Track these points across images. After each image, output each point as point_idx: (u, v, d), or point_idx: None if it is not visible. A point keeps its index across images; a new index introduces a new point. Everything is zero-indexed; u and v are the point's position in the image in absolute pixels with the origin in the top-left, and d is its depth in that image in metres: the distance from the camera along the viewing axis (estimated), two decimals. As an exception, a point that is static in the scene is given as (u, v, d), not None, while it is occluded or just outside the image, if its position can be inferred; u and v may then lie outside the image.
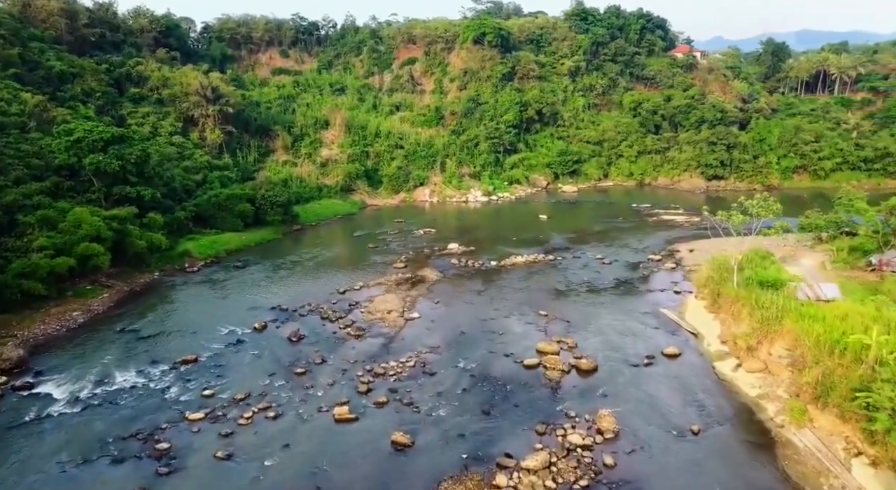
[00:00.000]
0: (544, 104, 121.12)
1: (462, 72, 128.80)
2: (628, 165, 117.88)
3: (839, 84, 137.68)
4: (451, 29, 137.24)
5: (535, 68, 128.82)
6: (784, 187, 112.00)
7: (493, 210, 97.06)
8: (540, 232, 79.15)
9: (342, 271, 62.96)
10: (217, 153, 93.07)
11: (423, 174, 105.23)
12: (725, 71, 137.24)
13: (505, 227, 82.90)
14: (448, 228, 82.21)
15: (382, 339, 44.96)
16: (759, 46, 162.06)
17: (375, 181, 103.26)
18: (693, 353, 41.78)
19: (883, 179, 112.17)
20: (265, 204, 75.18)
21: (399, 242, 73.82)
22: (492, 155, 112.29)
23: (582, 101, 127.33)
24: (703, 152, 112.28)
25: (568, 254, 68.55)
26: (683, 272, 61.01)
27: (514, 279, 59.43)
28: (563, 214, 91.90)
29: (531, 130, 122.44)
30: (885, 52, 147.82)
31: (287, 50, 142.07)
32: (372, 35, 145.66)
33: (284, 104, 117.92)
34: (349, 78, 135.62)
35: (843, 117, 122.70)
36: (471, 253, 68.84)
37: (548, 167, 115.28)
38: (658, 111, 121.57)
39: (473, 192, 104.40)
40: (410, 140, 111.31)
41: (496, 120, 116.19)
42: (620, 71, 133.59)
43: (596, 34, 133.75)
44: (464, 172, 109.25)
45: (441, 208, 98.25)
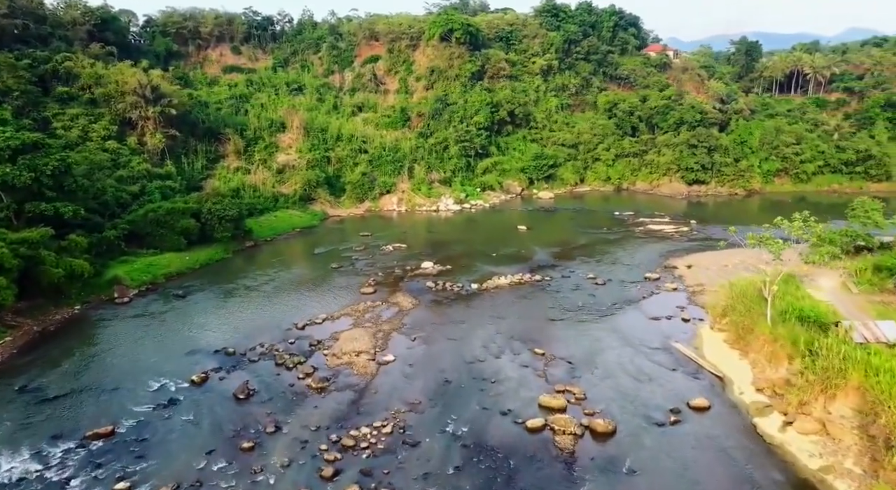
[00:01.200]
0: (516, 105, 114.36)
1: (428, 70, 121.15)
2: (605, 169, 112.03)
3: (813, 84, 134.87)
4: (416, 25, 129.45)
5: (505, 67, 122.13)
6: (766, 191, 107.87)
7: (466, 220, 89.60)
8: (521, 246, 72.03)
9: (302, 299, 54.51)
10: (158, 160, 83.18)
11: (389, 181, 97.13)
12: (699, 71, 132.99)
13: (482, 240, 75.50)
14: (420, 243, 74.37)
15: (351, 393, 36.90)
16: (731, 46, 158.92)
17: (338, 189, 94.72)
18: (725, 405, 34.95)
19: (864, 183, 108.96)
20: (212, 218, 66.02)
21: (366, 261, 65.66)
22: (462, 159, 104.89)
23: (555, 101, 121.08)
24: (683, 155, 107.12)
25: (555, 272, 61.51)
26: (687, 294, 54.54)
27: (500, 305, 52.01)
28: (542, 224, 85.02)
29: (503, 132, 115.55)
30: (855, 52, 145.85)
31: (239, 46, 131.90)
32: (331, 31, 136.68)
33: (236, 105, 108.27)
34: (307, 77, 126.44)
35: (820, 118, 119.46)
36: (447, 273, 61.19)
37: (522, 172, 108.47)
38: (635, 112, 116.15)
39: (444, 199, 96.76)
40: (375, 143, 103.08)
41: (466, 122, 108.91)
42: (594, 70, 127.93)
43: (568, 31, 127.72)
44: (433, 178, 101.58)
45: (410, 218, 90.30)
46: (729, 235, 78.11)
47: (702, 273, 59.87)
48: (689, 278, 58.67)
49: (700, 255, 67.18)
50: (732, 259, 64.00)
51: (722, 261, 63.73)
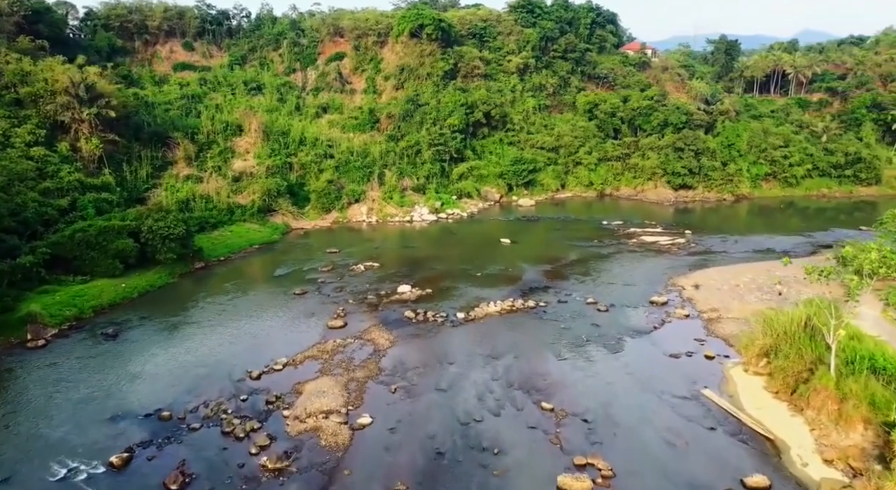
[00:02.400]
0: (492, 105, 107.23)
1: (398, 69, 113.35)
2: (587, 174, 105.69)
3: (794, 84, 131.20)
4: (384, 20, 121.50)
5: (479, 65, 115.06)
6: (754, 197, 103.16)
7: (443, 232, 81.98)
8: (507, 263, 64.79)
9: (258, 336, 46.19)
10: (95, 168, 73.43)
11: (358, 189, 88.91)
12: (679, 70, 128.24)
13: (463, 256, 68.01)
14: (394, 261, 66.47)
15: (318, 475, 28.93)
16: (707, 44, 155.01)
17: (301, 198, 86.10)
18: (789, 484, 28.06)
19: (854, 187, 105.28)
20: (154, 238, 56.94)
21: (334, 284, 57.48)
22: (437, 164, 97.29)
23: (532, 101, 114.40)
24: (669, 159, 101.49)
25: (550, 295, 54.39)
26: (703, 322, 47.93)
27: (492, 340, 44.58)
28: (527, 236, 77.96)
29: (478, 135, 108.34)
30: (833, 51, 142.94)
31: (192, 42, 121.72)
32: (292, 27, 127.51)
33: (188, 106, 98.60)
34: (267, 75, 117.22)
35: (805, 120, 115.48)
36: (428, 299, 53.51)
37: (500, 178, 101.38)
38: (616, 113, 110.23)
39: (419, 209, 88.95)
40: (342, 148, 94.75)
41: (439, 124, 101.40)
42: (571, 69, 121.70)
43: (544, 28, 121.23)
44: (406, 185, 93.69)
45: (382, 230, 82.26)
46: (730, 249, 73.05)
47: (712, 295, 53.47)
48: (699, 301, 52.14)
49: (704, 272, 60.93)
50: (741, 277, 58.01)
51: (730, 279, 57.62)
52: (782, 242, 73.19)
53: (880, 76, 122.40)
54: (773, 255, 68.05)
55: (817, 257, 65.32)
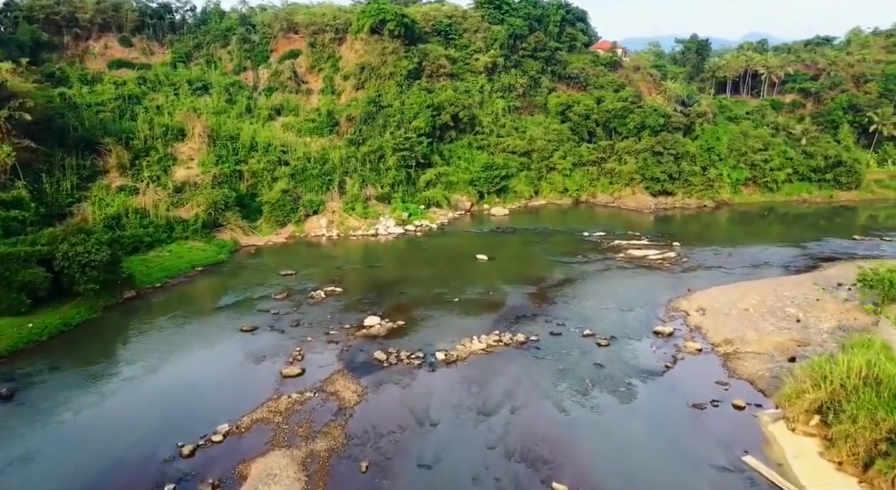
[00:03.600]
0: (460, 107, 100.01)
1: (358, 68, 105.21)
2: (562, 180, 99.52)
3: (766, 85, 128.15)
4: (342, 16, 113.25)
5: (446, 64, 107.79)
6: (735, 203, 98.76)
7: (412, 247, 74.38)
8: (487, 284, 57.68)
9: (196, 389, 37.87)
10: (8, 180, 63.31)
11: (316, 199, 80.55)
12: (651, 70, 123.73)
13: (437, 277, 60.60)
14: (359, 284, 58.56)
15: None
16: (676, 44, 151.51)
17: (253, 211, 77.32)
18: None
19: (835, 191, 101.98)
20: (71, 265, 47.73)
21: (290, 316, 49.33)
22: (402, 171, 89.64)
23: (502, 103, 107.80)
24: (647, 164, 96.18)
25: (540, 326, 47.47)
26: (719, 358, 41.64)
27: (481, 389, 37.32)
28: (504, 251, 71.06)
29: (446, 139, 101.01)
30: (801, 52, 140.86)
31: (129, 37, 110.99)
32: (242, 21, 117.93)
33: (125, 107, 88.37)
34: (214, 74, 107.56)
35: (782, 122, 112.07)
36: (400, 333, 45.96)
37: (471, 185, 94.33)
38: (591, 115, 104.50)
39: (384, 220, 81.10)
40: (297, 153, 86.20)
41: (404, 127, 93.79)
42: (541, 68, 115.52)
43: (513, 25, 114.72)
44: (369, 194, 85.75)
45: (344, 246, 74.16)
46: (725, 264, 67.49)
47: (722, 322, 47.38)
48: (709, 331, 45.94)
49: (706, 292, 54.94)
50: (748, 298, 52.25)
51: (736, 301, 51.77)
52: (778, 255, 68.10)
53: (853, 77, 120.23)
54: (772, 269, 62.85)
55: (820, 273, 60.42)
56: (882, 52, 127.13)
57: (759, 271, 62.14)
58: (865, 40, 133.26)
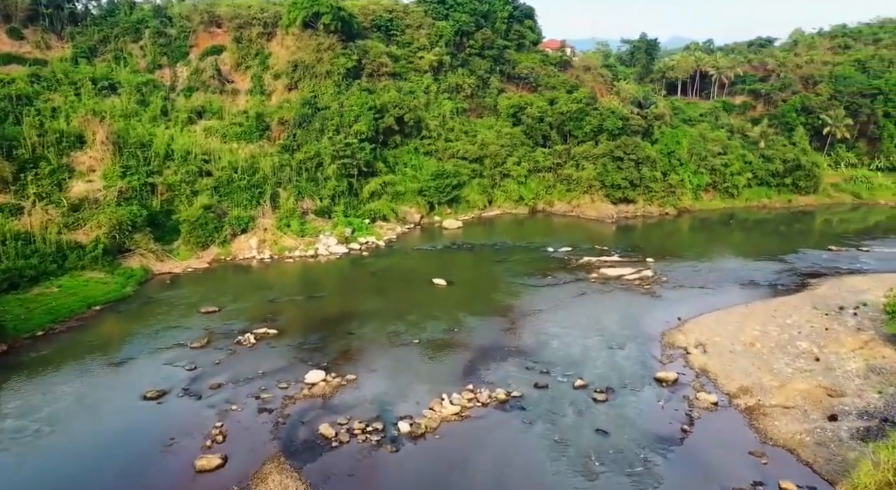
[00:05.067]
0: (405, 109, 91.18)
1: (290, 65, 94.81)
2: (517, 188, 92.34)
3: (716, 86, 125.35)
4: (271, 8, 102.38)
5: (387, 63, 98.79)
6: (696, 209, 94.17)
7: (358, 270, 65.05)
8: (449, 317, 49.28)
9: (72, 499, 27.73)
10: None
11: (245, 215, 70.05)
12: (602, 70, 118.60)
13: (390, 309, 51.68)
14: (298, 322, 48.96)
15: None
16: (622, 44, 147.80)
17: (168, 231, 66.19)
18: None
19: (793, 195, 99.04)
20: (-88, 319, 36.19)
21: (209, 374, 39.33)
22: (343, 181, 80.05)
23: (449, 104, 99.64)
24: (607, 170, 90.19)
25: (521, 374, 39.44)
26: (742, 415, 34.57)
27: (462, 476, 28.85)
28: (464, 274, 62.82)
29: (390, 144, 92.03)
30: (744, 53, 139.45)
31: (20, 29, 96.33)
32: (156, 13, 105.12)
33: (9, 109, 74.85)
34: (124, 72, 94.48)
35: (737, 124, 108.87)
36: (352, 391, 36.95)
37: (420, 195, 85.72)
38: (544, 118, 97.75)
39: (324, 238, 71.37)
40: (222, 162, 75.27)
41: (344, 131, 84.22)
42: (490, 68, 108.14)
43: (458, 21, 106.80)
44: (306, 208, 75.84)
45: (278, 270, 64.09)
46: (708, 282, 61.51)
47: (729, 361, 40.65)
48: (719, 374, 39.04)
49: (699, 321, 48.43)
50: (747, 328, 46.05)
51: (736, 332, 45.39)
52: (761, 271, 62.71)
53: (801, 78, 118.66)
54: (760, 289, 57.23)
55: (812, 293, 55.10)
56: (828, 53, 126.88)
57: (746, 292, 56.35)
58: (812, 41, 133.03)
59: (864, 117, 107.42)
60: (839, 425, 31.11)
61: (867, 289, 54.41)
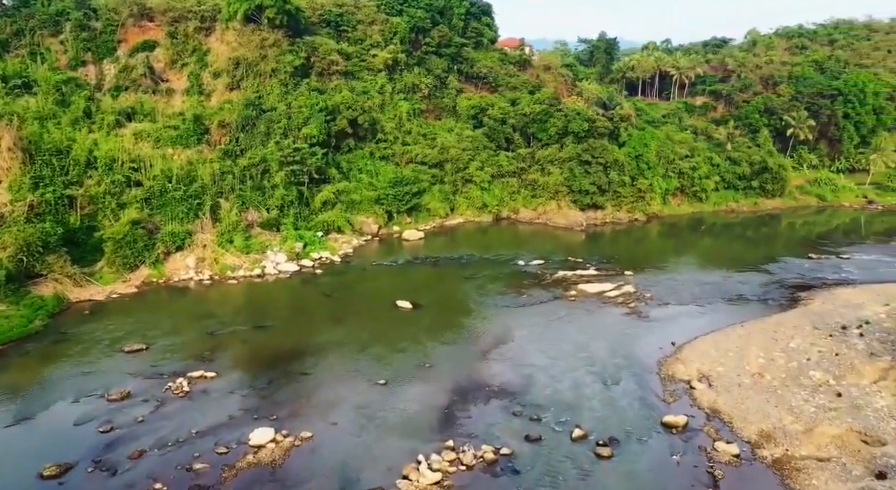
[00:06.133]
0: (358, 111, 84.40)
1: (231, 63, 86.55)
2: (480, 194, 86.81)
3: (676, 87, 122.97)
4: (209, 0, 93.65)
5: (339, 61, 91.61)
6: (665, 215, 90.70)
7: (312, 291, 58.12)
8: (418, 349, 43.17)
9: None
10: None
11: (180, 230, 62.14)
12: (562, 70, 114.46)
13: (349, 341, 45.14)
14: (242, 362, 41.90)
15: None
16: (579, 43, 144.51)
17: (89, 250, 57.86)
18: None
19: (760, 198, 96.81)
20: None
21: (130, 435, 32.05)
22: (293, 189, 72.81)
23: (406, 105, 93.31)
24: (574, 174, 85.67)
25: (507, 421, 33.73)
26: (770, 469, 29.66)
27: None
28: (429, 293, 56.64)
29: (343, 148, 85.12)
30: (700, 53, 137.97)
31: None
32: (79, 5, 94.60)
33: None
34: (41, 69, 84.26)
35: (701, 125, 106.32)
36: (307, 455, 30.39)
37: (377, 204, 79.13)
38: (507, 120, 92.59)
39: (272, 255, 64.09)
40: (154, 170, 67.06)
41: (292, 135, 77.04)
42: (448, 67, 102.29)
43: (413, 17, 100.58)
44: (252, 220, 68.44)
45: (220, 294, 56.53)
46: (695, 298, 56.92)
47: (738, 397, 35.89)
48: (731, 414, 34.14)
49: (694, 346, 43.74)
50: (749, 354, 41.77)
51: (738, 360, 40.87)
52: (747, 284, 58.82)
53: (761, 78, 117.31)
54: (751, 305, 53.24)
55: (807, 309, 51.30)
56: (786, 54, 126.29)
57: (737, 309, 52.18)
58: (770, 42, 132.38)
59: (825, 118, 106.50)
60: (891, 486, 26.49)
61: (862, 303, 51.05)
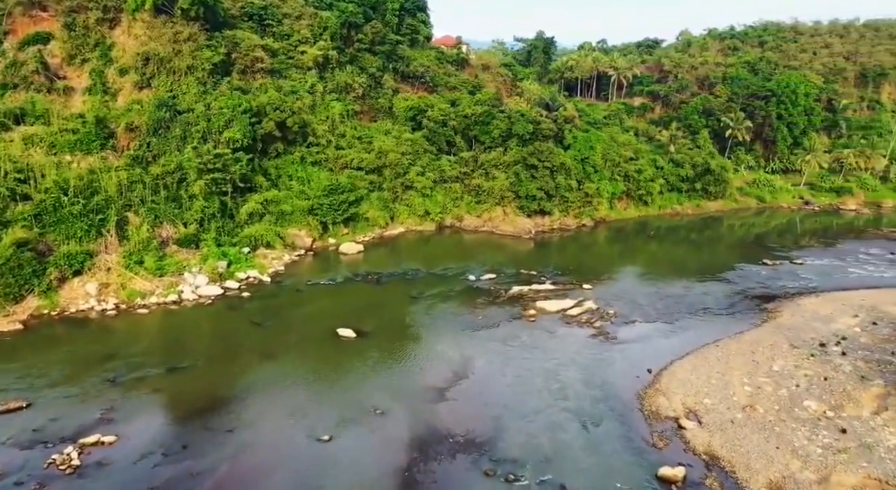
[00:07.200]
0: (287, 112, 77.05)
1: (140, 59, 77.01)
2: (422, 201, 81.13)
3: (615, 87, 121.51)
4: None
5: (263, 57, 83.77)
6: (611, 219, 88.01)
7: (238, 320, 50.73)
8: (364, 390, 37.17)
9: None
10: None
11: (79, 251, 53.36)
12: (501, 70, 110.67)
13: (284, 382, 38.55)
14: (149, 417, 34.54)
15: None
16: (515, 42, 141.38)
17: (-37, 280, 48.37)
18: None
19: (702, 201, 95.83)
20: None
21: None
22: (214, 200, 64.99)
23: (339, 106, 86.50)
24: (520, 179, 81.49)
25: (480, 484, 28.31)
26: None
27: None
28: (374, 317, 50.47)
29: (271, 153, 77.58)
30: (635, 54, 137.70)
31: None
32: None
33: None
34: None
35: (642, 127, 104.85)
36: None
37: (311, 214, 72.10)
38: (448, 122, 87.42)
39: (191, 277, 56.20)
40: (47, 181, 57.76)
41: (212, 139, 69.09)
42: (382, 65, 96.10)
43: (345, 12, 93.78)
44: (166, 237, 60.22)
45: (127, 327, 48.36)
46: (660, 313, 53.32)
47: (734, 437, 31.95)
48: (733, 462, 30.14)
49: (672, 372, 39.88)
50: (734, 380, 38.17)
51: (721, 386, 37.22)
52: (710, 295, 55.98)
53: (697, 79, 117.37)
54: (719, 319, 50.12)
55: (778, 323, 48.56)
56: (719, 55, 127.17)
57: (706, 325, 48.94)
58: (704, 43, 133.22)
59: (760, 119, 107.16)
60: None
61: (831, 314, 48.92)
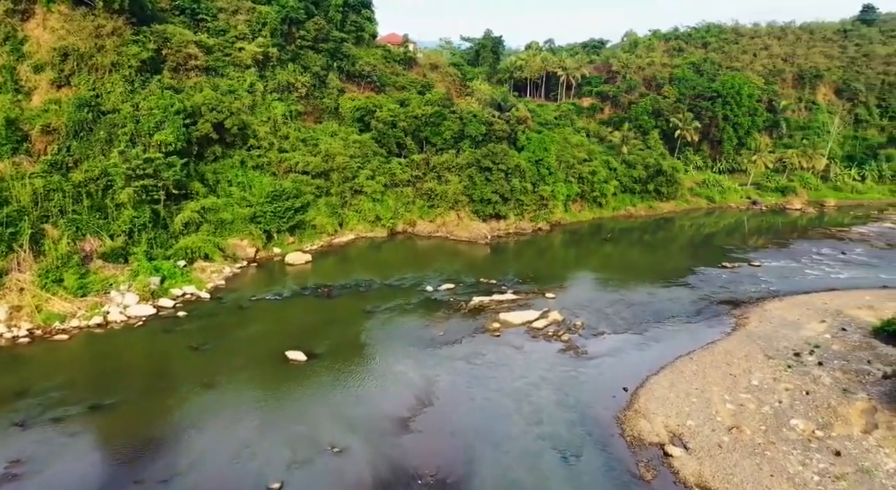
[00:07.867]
0: (225, 113, 71.74)
1: (58, 54, 69.91)
2: (372, 206, 77.27)
3: (564, 88, 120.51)
4: (25, -23, 76.12)
5: (197, 54, 77.86)
6: (567, 222, 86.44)
7: (173, 344, 45.67)
8: (318, 422, 33.39)
9: None
10: None
11: (-15, 271, 47.22)
12: (449, 69, 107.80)
13: (226, 418, 34.22)
14: (64, 472, 29.64)
15: None
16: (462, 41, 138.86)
17: None
18: None
19: (655, 202, 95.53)
20: None
21: None
22: (145, 209, 59.36)
23: (281, 107, 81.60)
24: (474, 182, 78.71)
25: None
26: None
27: None
28: (326, 336, 46.43)
29: (208, 157, 72.09)
30: (583, 54, 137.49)
31: None
32: None
33: None
34: None
35: (593, 128, 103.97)
36: None
37: (253, 222, 67.15)
38: (397, 123, 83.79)
39: (118, 295, 50.64)
40: (-52, 191, 51.08)
41: (142, 142, 63.37)
42: (327, 64, 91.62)
43: (285, 7, 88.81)
44: (89, 251, 54.36)
45: (43, 356, 42.65)
46: (628, 323, 51.04)
47: (724, 463, 29.95)
48: (724, 490, 27.85)
49: (649, 389, 37.61)
50: (714, 397, 36.18)
51: (702, 404, 35.16)
52: (675, 302, 54.45)
53: (644, 80, 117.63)
54: (689, 328, 48.45)
55: (748, 332, 47.25)
56: (665, 56, 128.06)
57: (676, 335, 47.18)
58: (650, 43, 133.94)
59: (707, 120, 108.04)
60: None
61: (798, 320, 48.06)
